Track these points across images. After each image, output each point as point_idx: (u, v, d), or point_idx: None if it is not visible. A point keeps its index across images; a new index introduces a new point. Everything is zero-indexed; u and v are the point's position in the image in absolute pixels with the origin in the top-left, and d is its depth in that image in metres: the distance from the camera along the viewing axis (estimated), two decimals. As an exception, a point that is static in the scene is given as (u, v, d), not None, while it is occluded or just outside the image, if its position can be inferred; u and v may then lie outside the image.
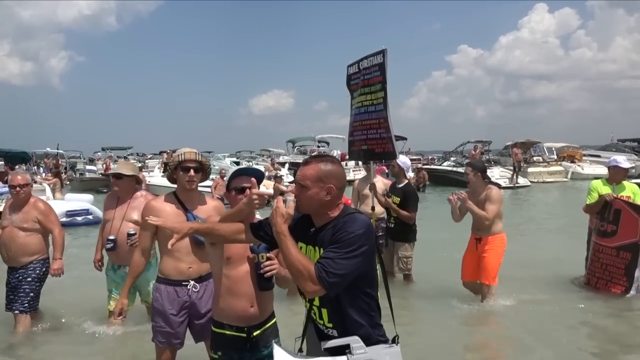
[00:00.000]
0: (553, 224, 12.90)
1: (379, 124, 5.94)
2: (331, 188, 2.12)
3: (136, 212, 4.47)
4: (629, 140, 34.61)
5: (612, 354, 4.60)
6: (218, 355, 2.70)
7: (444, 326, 5.19)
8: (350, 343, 2.05)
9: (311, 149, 33.78)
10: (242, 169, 2.85)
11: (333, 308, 2.14)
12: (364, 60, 5.91)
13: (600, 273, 5.97)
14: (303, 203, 2.15)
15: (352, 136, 6.48)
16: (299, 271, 2.00)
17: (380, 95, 5.80)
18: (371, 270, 2.15)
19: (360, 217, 2.13)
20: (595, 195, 5.95)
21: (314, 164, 2.15)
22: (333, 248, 2.02)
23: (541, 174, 26.95)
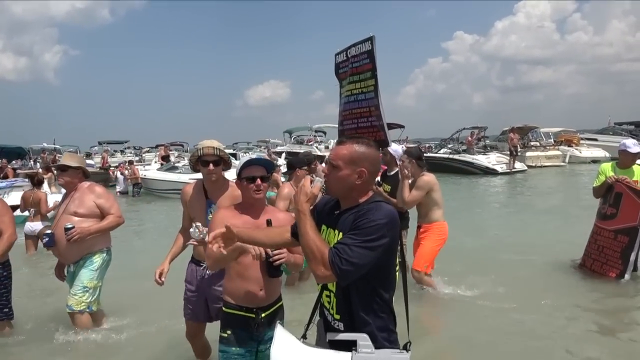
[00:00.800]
0: (549, 207, 12.91)
1: (370, 112, 5.92)
2: (363, 172, 2.03)
3: (77, 203, 4.38)
4: (626, 123, 34.55)
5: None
6: (227, 334, 2.79)
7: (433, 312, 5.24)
8: (358, 340, 1.96)
9: (308, 139, 33.76)
10: (253, 159, 2.87)
11: (343, 299, 2.06)
12: (352, 48, 5.87)
13: (597, 255, 6.00)
14: (332, 184, 2.08)
15: (342, 125, 6.46)
16: (312, 253, 1.93)
17: (371, 83, 5.77)
18: (388, 266, 2.03)
19: (387, 206, 2.00)
20: (602, 178, 5.96)
21: (348, 144, 2.07)
22: (351, 234, 1.93)
23: (539, 158, 26.98)
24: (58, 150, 31.46)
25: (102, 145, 41.64)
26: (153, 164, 25.13)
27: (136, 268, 6.68)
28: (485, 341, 4.39)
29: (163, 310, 5.05)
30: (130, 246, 9.42)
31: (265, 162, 2.91)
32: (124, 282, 5.97)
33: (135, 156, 35.78)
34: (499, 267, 6.59)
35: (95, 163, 30.20)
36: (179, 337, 3.95)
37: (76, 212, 4.32)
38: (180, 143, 43.45)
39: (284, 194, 5.58)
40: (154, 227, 12.43)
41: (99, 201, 4.46)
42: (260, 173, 2.79)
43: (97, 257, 4.46)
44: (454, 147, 27.30)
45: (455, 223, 10.26)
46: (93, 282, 4.43)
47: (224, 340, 2.81)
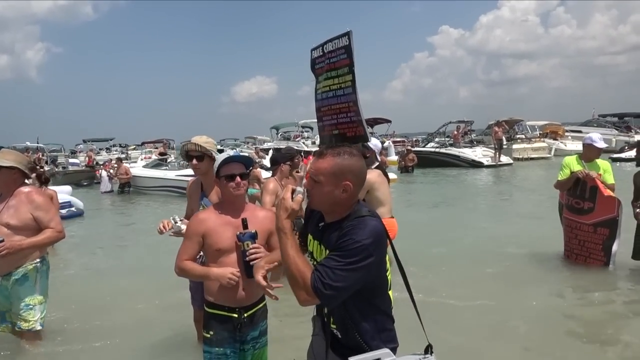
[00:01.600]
0: (533, 200, 13.01)
1: (349, 108, 5.86)
2: (347, 185, 1.90)
3: (12, 212, 3.82)
4: (609, 115, 34.90)
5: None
6: (210, 335, 2.77)
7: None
8: (382, 357, 1.86)
9: (295, 135, 33.72)
10: (231, 157, 2.81)
11: (339, 316, 1.99)
12: (329, 44, 5.80)
13: (579, 250, 6.04)
14: (315, 199, 1.96)
15: (321, 121, 6.40)
16: (294, 277, 1.83)
17: (349, 79, 5.71)
18: (379, 277, 1.96)
19: (372, 222, 1.88)
20: (567, 172, 5.91)
21: (329, 157, 1.92)
22: (335, 256, 1.82)
23: (525, 150, 27.17)
24: (42, 149, 31.13)
25: (87, 144, 41.31)
26: (139, 162, 24.97)
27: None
28: (467, 342, 4.36)
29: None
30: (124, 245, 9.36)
31: (243, 158, 2.85)
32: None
33: (121, 154, 35.56)
34: (483, 260, 6.62)
35: (80, 161, 29.97)
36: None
37: (8, 223, 3.78)
38: (166, 140, 43.24)
39: (270, 188, 5.60)
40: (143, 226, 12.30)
41: (37, 213, 3.88)
42: (239, 170, 2.74)
43: (31, 271, 3.99)
44: (441, 141, 27.39)
45: (439, 216, 10.40)
46: (36, 298, 4.03)
47: (207, 340, 2.79)
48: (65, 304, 5.44)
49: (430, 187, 17.04)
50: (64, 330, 4.80)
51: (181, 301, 4.25)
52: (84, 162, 29.38)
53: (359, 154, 1.99)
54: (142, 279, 6.60)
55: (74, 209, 12.75)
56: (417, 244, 7.23)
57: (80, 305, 5.57)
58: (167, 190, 16.98)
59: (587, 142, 5.99)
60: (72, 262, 8.14)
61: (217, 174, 2.78)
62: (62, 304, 5.36)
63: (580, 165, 5.93)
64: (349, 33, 5.52)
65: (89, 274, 7.33)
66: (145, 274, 6.84)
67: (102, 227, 12.09)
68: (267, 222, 2.77)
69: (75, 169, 26.05)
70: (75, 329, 4.89)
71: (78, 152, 38.44)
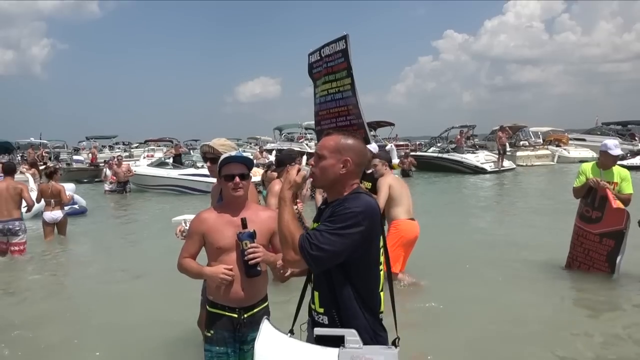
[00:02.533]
0: (535, 206, 12.95)
1: (348, 111, 5.88)
2: (347, 161, 2.04)
3: None
4: (613, 123, 34.68)
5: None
6: (211, 334, 2.79)
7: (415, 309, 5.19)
8: (346, 335, 1.91)
9: (298, 136, 33.68)
10: (231, 157, 2.81)
11: (324, 293, 2.05)
12: (326, 48, 5.82)
13: (583, 258, 5.99)
14: (318, 174, 2.09)
15: (319, 125, 6.41)
16: (284, 237, 1.96)
17: (348, 82, 5.73)
18: (368, 262, 2.02)
19: (366, 197, 2.04)
20: (583, 179, 5.84)
21: (334, 135, 2.11)
22: (326, 222, 1.95)
23: (529, 157, 27.09)
24: (45, 145, 31.23)
25: (90, 141, 41.32)
26: (142, 160, 24.98)
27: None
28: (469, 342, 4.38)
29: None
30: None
31: (244, 159, 2.85)
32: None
33: (125, 152, 35.58)
34: (484, 266, 6.64)
35: (84, 158, 30.00)
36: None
37: None
38: (170, 139, 43.21)
39: (275, 190, 5.61)
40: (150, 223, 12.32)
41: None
42: (239, 171, 2.73)
43: None
44: (443, 145, 27.32)
45: (442, 221, 10.37)
46: None
47: (208, 339, 2.82)
48: (67, 303, 5.48)
49: (429, 192, 17.12)
50: (64, 330, 4.85)
51: (188, 302, 4.26)
52: (87, 159, 29.45)
53: (362, 140, 2.15)
54: (146, 279, 6.63)
55: (77, 207, 12.76)
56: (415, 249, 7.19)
57: (84, 303, 5.61)
58: (170, 189, 17.02)
59: (602, 149, 5.89)
60: (75, 262, 8.23)
61: (218, 173, 2.82)
62: (65, 303, 5.44)
63: (596, 172, 5.84)
64: (346, 37, 5.53)
65: (93, 272, 7.37)
66: (149, 273, 6.85)
67: (106, 225, 12.15)
68: (270, 222, 2.77)
69: (79, 166, 26.08)
70: (76, 327, 4.96)
71: (81, 149, 38.47)
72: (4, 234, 7.54)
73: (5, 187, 7.55)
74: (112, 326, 4.90)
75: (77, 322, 5.14)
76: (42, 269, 7.62)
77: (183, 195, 16.24)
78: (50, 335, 4.70)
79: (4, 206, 7.45)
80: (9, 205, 7.49)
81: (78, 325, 5.06)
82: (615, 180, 5.75)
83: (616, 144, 5.94)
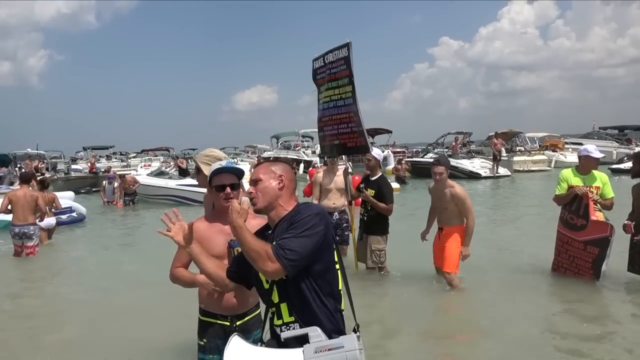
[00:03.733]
0: (527, 212, 13.02)
1: (349, 118, 5.92)
2: (282, 177, 2.23)
3: None
4: (609, 127, 34.90)
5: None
6: (204, 342, 2.82)
7: (413, 315, 5.25)
8: (309, 332, 2.04)
9: (295, 144, 33.72)
10: (222, 167, 2.81)
11: (291, 300, 2.13)
12: (330, 54, 5.87)
13: (568, 264, 5.94)
14: (259, 196, 2.22)
15: (322, 131, 6.44)
16: (257, 253, 2.03)
17: (349, 89, 5.78)
18: (327, 258, 2.15)
19: (314, 205, 2.28)
20: (564, 186, 5.79)
21: (264, 163, 2.34)
22: (289, 230, 2.07)
23: (526, 162, 27.17)
24: (42, 156, 31.17)
25: (87, 151, 41.27)
26: (139, 169, 24.97)
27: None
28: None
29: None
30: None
31: (235, 169, 2.85)
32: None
33: (122, 162, 35.54)
34: (475, 270, 6.58)
35: (83, 168, 29.90)
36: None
37: None
38: (167, 148, 43.13)
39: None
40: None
41: None
42: (230, 181, 2.74)
43: None
44: (439, 152, 27.43)
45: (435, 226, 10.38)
46: None
47: (201, 348, 2.83)
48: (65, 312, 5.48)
49: (423, 198, 17.04)
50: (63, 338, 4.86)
51: (186, 310, 4.25)
52: (86, 168, 29.34)
53: (287, 161, 2.31)
54: (144, 289, 6.57)
55: (75, 215, 12.78)
56: (407, 254, 7.22)
57: (80, 311, 5.62)
58: (169, 199, 17.01)
59: (583, 153, 5.85)
60: (73, 272, 8.23)
61: (209, 183, 2.81)
62: (64, 312, 5.44)
63: (578, 177, 5.78)
64: (349, 44, 5.58)
65: (91, 279, 7.39)
66: (147, 283, 6.81)
67: (104, 234, 12.11)
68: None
69: (78, 175, 25.96)
70: (72, 333, 5.00)
71: (79, 160, 38.39)
72: (20, 237, 8.31)
73: (22, 195, 8.35)
74: (107, 335, 4.91)
75: (72, 329, 5.17)
76: (42, 276, 7.78)
77: (181, 206, 16.21)
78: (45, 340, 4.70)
79: (21, 212, 8.24)
80: (25, 211, 8.26)
81: (75, 330, 5.10)
82: (597, 184, 5.70)
83: (595, 148, 5.93)
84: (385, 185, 6.24)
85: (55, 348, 4.70)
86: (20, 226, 8.28)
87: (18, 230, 8.29)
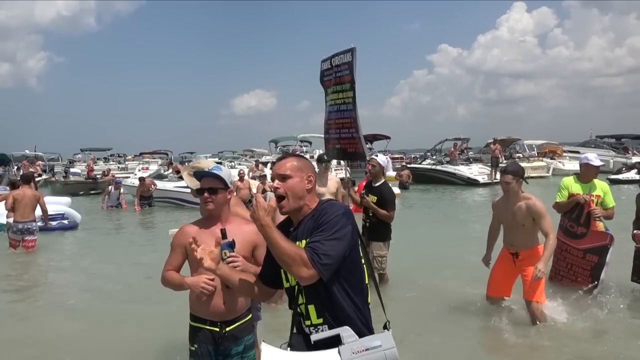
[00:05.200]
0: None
1: (350, 124, 5.93)
2: (311, 177, 2.21)
3: None
4: (607, 136, 34.98)
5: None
6: (195, 348, 2.81)
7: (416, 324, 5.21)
8: (341, 333, 2.03)
9: (294, 149, 33.69)
10: (204, 172, 2.88)
11: (321, 301, 2.10)
12: (336, 57, 5.88)
13: (565, 272, 5.92)
14: (289, 198, 2.15)
15: (327, 133, 6.45)
16: (291, 258, 1.97)
17: (350, 95, 5.78)
18: (355, 254, 2.13)
19: (338, 203, 2.25)
20: (565, 194, 5.77)
21: (290, 157, 2.24)
22: (319, 232, 2.03)
23: (525, 168, 27.07)
24: (40, 158, 31.11)
25: (85, 153, 41.16)
26: (137, 172, 24.93)
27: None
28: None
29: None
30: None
31: (214, 174, 2.86)
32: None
33: (119, 164, 35.44)
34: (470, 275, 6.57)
35: (81, 171, 29.67)
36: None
37: None
38: (165, 152, 43.06)
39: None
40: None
41: None
42: (208, 185, 2.79)
43: None
44: (438, 158, 27.46)
45: (436, 232, 10.40)
46: None
47: (192, 353, 2.84)
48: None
49: (426, 204, 17.14)
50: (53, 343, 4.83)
51: (177, 315, 4.22)
52: (84, 171, 29.18)
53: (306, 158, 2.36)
54: (135, 293, 6.59)
55: (66, 222, 12.40)
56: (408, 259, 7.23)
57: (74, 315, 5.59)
58: (168, 201, 16.98)
59: (583, 161, 5.84)
60: (69, 278, 8.16)
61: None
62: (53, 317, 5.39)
63: (579, 186, 5.76)
64: (353, 50, 5.58)
65: (82, 284, 7.36)
66: (138, 287, 6.83)
67: (103, 238, 12.03)
68: (252, 236, 2.77)
69: (76, 179, 25.81)
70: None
71: (77, 162, 38.25)
72: (22, 232, 9.06)
73: (25, 194, 9.09)
74: (98, 340, 4.89)
75: (61, 333, 5.13)
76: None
77: (180, 208, 16.17)
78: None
79: (24, 210, 8.99)
80: (27, 209, 9.03)
81: (65, 334, 5.07)
82: (597, 193, 5.69)
83: (596, 156, 5.92)
84: (388, 192, 6.18)
85: (45, 353, 4.65)
86: (23, 222, 9.02)
87: (22, 226, 9.03)
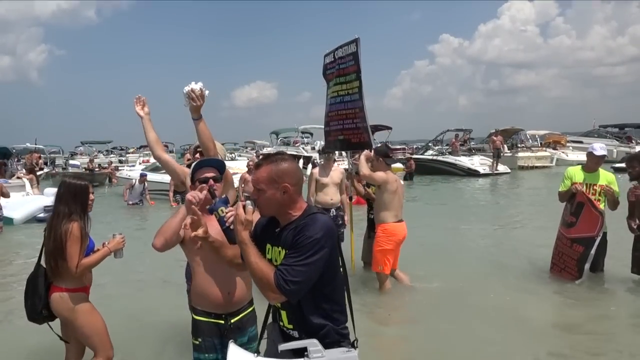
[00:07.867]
0: (523, 210, 13.00)
1: (355, 114, 5.91)
2: (286, 187, 2.10)
3: None
4: (610, 126, 34.95)
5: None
6: (199, 342, 2.77)
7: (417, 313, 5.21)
8: (308, 346, 2.03)
9: (294, 140, 33.72)
10: (203, 161, 2.82)
11: (291, 310, 2.12)
12: (339, 50, 5.89)
13: (557, 259, 6.02)
14: (262, 206, 2.15)
15: (328, 126, 6.44)
16: (260, 280, 2.01)
17: (356, 85, 5.77)
18: (332, 269, 2.11)
19: (322, 218, 2.10)
20: (568, 183, 5.83)
21: (265, 166, 2.14)
22: (292, 254, 2.01)
23: (530, 158, 27.27)
24: (41, 151, 31.10)
25: (85, 146, 41.15)
26: (138, 165, 24.92)
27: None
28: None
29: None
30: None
31: (216, 162, 2.85)
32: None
33: (120, 157, 35.45)
34: (464, 268, 6.70)
35: (80, 163, 29.70)
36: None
37: None
38: (166, 143, 43.06)
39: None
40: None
41: None
42: (212, 174, 2.74)
43: None
44: (440, 149, 27.44)
45: (430, 222, 10.37)
46: None
47: (196, 347, 2.80)
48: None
49: (429, 194, 17.20)
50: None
51: (181, 309, 4.19)
52: (84, 164, 29.14)
53: (291, 158, 2.22)
54: (138, 287, 6.41)
55: None
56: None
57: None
58: (166, 193, 16.93)
59: (588, 151, 5.97)
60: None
61: (191, 179, 2.79)
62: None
63: (582, 175, 5.83)
64: (357, 40, 5.59)
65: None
66: (142, 281, 6.66)
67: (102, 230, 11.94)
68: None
69: (76, 171, 25.80)
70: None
71: (78, 154, 38.25)
72: None
73: None
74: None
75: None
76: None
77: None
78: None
79: None
80: None
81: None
82: (600, 183, 5.72)
83: (602, 146, 5.93)
84: None
85: (45, 346, 4.61)
86: None
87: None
